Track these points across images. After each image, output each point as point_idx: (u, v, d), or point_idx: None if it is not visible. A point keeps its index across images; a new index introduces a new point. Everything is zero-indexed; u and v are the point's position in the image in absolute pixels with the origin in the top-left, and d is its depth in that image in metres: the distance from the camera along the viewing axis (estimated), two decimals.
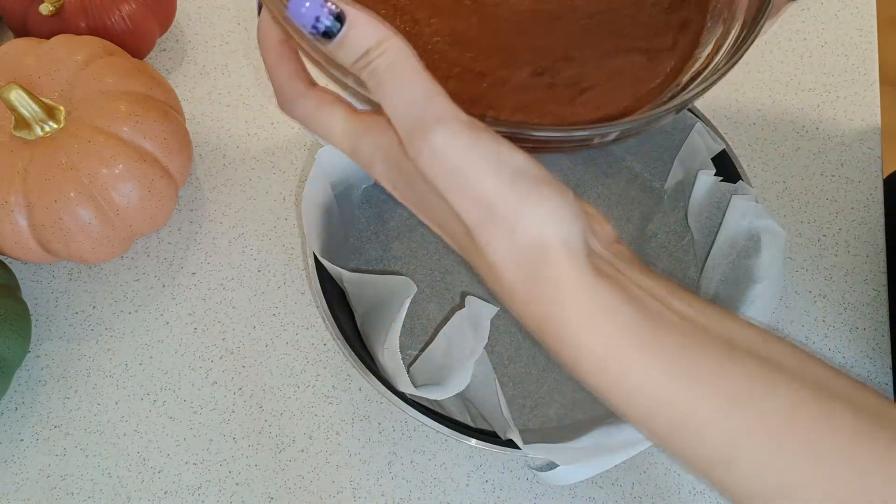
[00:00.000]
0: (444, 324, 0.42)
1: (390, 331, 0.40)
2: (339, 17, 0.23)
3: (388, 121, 0.25)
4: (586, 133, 0.27)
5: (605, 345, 0.24)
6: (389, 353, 0.41)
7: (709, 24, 0.34)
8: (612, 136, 0.28)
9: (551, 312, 0.24)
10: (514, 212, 0.24)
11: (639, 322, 0.24)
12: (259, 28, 0.28)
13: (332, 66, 0.27)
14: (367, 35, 0.24)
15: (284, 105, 0.29)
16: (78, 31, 0.51)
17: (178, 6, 0.57)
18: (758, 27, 0.31)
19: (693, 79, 0.31)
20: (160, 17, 0.54)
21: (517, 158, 0.24)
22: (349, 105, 0.29)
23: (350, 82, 0.27)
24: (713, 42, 0.33)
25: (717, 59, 0.32)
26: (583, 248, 0.24)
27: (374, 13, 0.25)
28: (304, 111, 0.28)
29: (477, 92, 0.31)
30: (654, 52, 0.33)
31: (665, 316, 0.25)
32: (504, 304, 0.26)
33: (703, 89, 0.29)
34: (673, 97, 0.31)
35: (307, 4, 0.23)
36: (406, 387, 0.41)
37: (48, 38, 0.48)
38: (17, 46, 0.47)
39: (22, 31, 0.52)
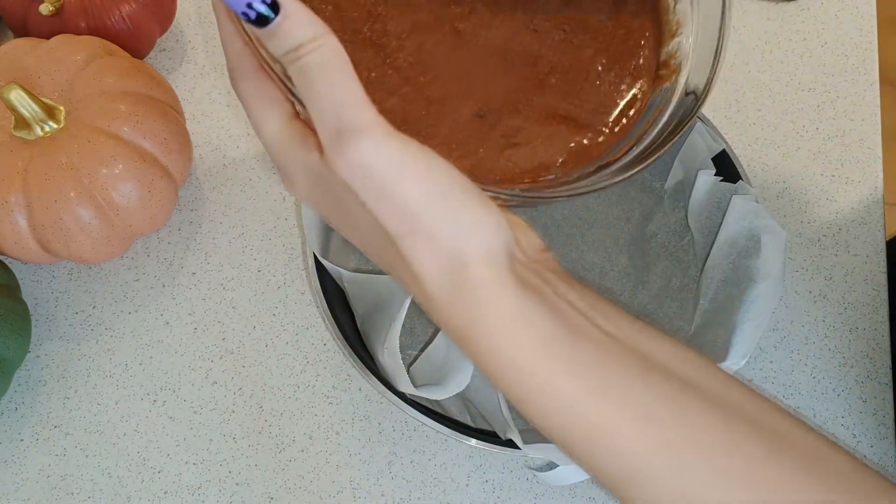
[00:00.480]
0: None
1: (390, 331, 0.40)
2: (274, 6, 0.23)
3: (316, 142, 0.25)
4: (491, 192, 0.27)
5: (523, 357, 0.24)
6: (389, 353, 0.41)
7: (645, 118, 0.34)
8: (514, 203, 0.28)
9: (472, 323, 0.24)
10: (439, 223, 0.24)
11: (557, 335, 0.25)
12: (213, 1, 0.28)
13: (263, 48, 0.26)
14: (301, 29, 0.23)
15: (231, 79, 0.28)
16: (78, 31, 0.51)
17: (177, 6, 0.57)
18: (664, 147, 0.31)
19: (603, 167, 0.31)
20: (160, 17, 0.54)
21: (443, 169, 0.24)
22: (290, 109, 0.28)
23: (277, 70, 0.26)
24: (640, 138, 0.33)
25: (628, 158, 0.32)
26: (505, 259, 0.25)
27: (312, 8, 0.25)
28: (243, 92, 0.28)
29: (414, 115, 0.31)
30: (594, 129, 0.33)
31: (585, 330, 0.25)
32: (429, 315, 0.26)
33: (588, 189, 0.30)
34: (578, 179, 0.31)
35: None
36: (406, 387, 0.41)
37: (48, 38, 0.48)
38: (17, 46, 0.47)
39: (22, 31, 0.52)
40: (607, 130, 0.33)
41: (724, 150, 0.47)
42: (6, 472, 0.46)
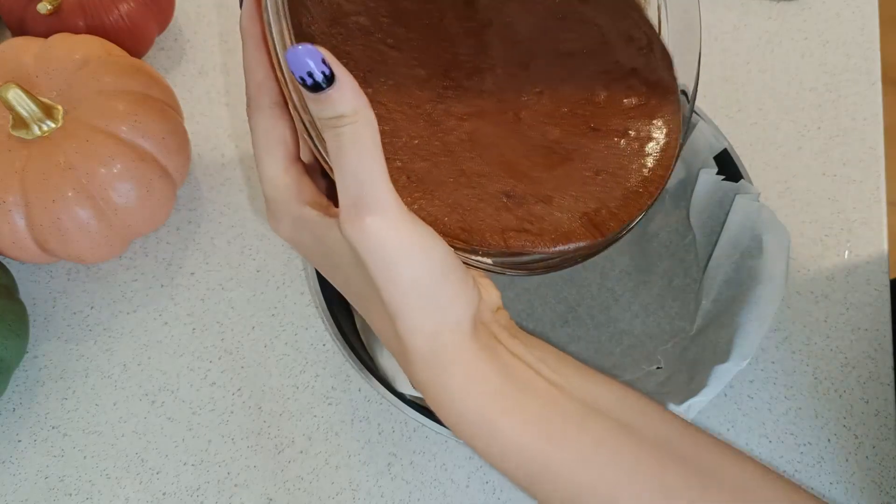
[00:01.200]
0: None
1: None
2: (330, 78, 0.25)
3: (319, 204, 0.29)
4: (473, 262, 0.31)
5: (476, 411, 0.28)
6: (389, 354, 0.40)
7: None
8: (495, 272, 0.31)
9: (437, 384, 0.29)
10: (429, 307, 0.28)
11: (506, 389, 0.28)
12: (241, 25, 0.29)
13: (298, 97, 0.28)
14: (346, 101, 0.25)
15: (247, 107, 0.31)
16: (76, 30, 0.51)
17: (176, 5, 0.57)
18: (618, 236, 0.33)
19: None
20: (158, 16, 0.54)
21: (438, 252, 0.28)
22: (295, 152, 0.31)
23: (306, 122, 0.28)
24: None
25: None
26: (470, 327, 0.29)
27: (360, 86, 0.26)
28: (255, 125, 0.30)
29: (438, 178, 0.32)
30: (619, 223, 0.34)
31: (532, 383, 0.29)
32: (403, 369, 0.30)
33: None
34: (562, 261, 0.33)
35: (307, 60, 0.25)
36: (405, 388, 0.41)
37: (46, 37, 0.48)
38: (15, 45, 0.47)
39: (20, 30, 0.52)
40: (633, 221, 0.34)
41: (725, 149, 0.47)
42: (4, 472, 0.46)
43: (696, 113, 0.48)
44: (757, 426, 0.47)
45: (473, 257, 0.31)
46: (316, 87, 0.25)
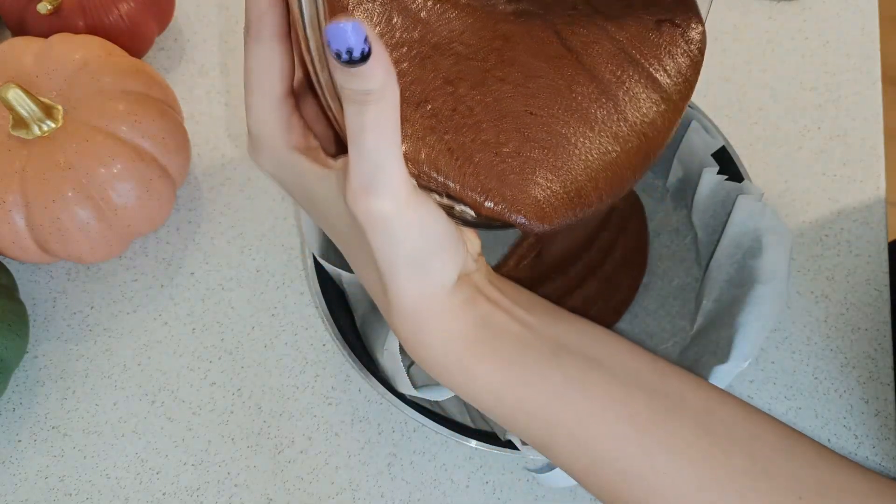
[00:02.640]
0: None
1: (390, 332, 0.40)
2: (365, 55, 0.24)
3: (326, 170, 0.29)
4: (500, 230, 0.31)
5: (454, 360, 0.30)
6: (389, 354, 0.40)
7: None
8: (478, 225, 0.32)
9: (419, 338, 0.30)
10: (419, 273, 0.29)
11: (482, 338, 0.30)
12: None
13: (318, 55, 0.26)
14: (379, 77, 0.24)
15: (245, 33, 0.29)
16: (76, 30, 0.51)
17: (176, 5, 0.57)
18: None
19: None
20: (158, 16, 0.54)
21: (436, 227, 0.28)
22: (288, 87, 0.30)
23: (323, 80, 0.27)
24: None
25: None
26: (453, 285, 0.30)
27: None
28: (251, 53, 0.29)
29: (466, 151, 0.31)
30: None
31: (506, 327, 0.31)
32: (389, 324, 0.31)
33: None
34: None
35: (351, 37, 0.23)
36: (406, 388, 0.41)
37: (46, 36, 0.48)
38: (15, 45, 0.47)
39: (20, 30, 0.52)
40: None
41: (723, 147, 0.47)
42: (4, 472, 0.46)
43: (690, 108, 0.48)
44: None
45: (458, 207, 0.31)
46: (350, 62, 0.24)
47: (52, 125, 0.45)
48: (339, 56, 0.24)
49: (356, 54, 0.23)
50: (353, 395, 0.48)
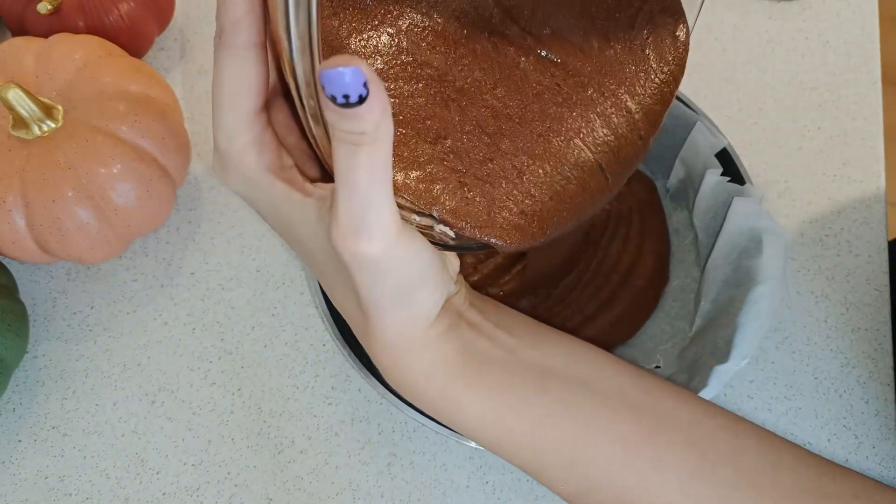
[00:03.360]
0: None
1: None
2: (362, 99, 0.21)
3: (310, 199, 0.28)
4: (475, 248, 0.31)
5: (439, 389, 0.30)
6: None
7: None
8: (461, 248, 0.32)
9: (401, 367, 0.30)
10: (402, 308, 0.28)
11: (467, 366, 0.30)
12: None
13: (306, 87, 0.24)
14: (375, 118, 0.22)
15: (215, 41, 0.26)
16: (76, 30, 0.51)
17: (176, 5, 0.57)
18: None
19: None
20: (158, 16, 0.54)
21: (421, 260, 0.28)
22: (260, 103, 0.27)
23: (308, 108, 0.25)
24: None
25: None
26: (437, 313, 0.29)
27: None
28: (222, 64, 0.26)
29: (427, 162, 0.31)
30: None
31: (490, 353, 0.30)
32: (369, 352, 0.31)
33: None
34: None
35: (348, 81, 0.21)
36: None
37: (46, 36, 0.48)
38: (15, 45, 0.47)
39: (19, 30, 0.52)
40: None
41: (724, 148, 0.47)
42: (4, 473, 0.46)
43: (693, 111, 0.48)
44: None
45: (437, 227, 0.30)
46: (346, 105, 0.21)
47: (52, 125, 0.45)
48: (333, 99, 0.21)
49: (353, 99, 0.21)
50: (353, 395, 0.48)
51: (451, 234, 0.30)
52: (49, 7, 0.49)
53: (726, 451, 0.30)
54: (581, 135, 0.33)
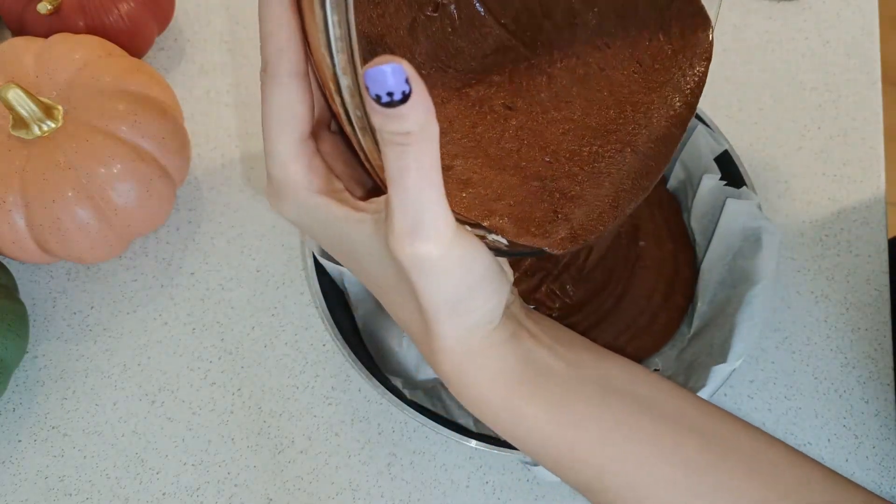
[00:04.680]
0: None
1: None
2: (406, 95, 0.22)
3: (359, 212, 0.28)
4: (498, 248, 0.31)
5: (500, 400, 0.29)
6: (410, 341, 0.41)
7: None
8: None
9: (463, 376, 0.29)
10: (462, 315, 0.28)
11: (528, 377, 0.29)
12: None
13: (352, 96, 0.25)
14: (418, 117, 0.23)
15: (262, 72, 0.28)
16: (76, 30, 0.51)
17: (176, 5, 0.57)
18: None
19: None
20: (158, 16, 0.54)
21: (480, 265, 0.28)
22: (308, 129, 0.28)
23: (355, 118, 0.26)
24: None
25: None
26: (499, 320, 0.29)
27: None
28: (269, 95, 0.27)
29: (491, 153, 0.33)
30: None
31: (551, 367, 0.30)
32: (430, 363, 0.31)
33: None
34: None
35: (392, 80, 0.22)
36: (429, 374, 0.41)
37: (46, 36, 0.48)
38: (15, 45, 0.47)
39: (19, 30, 0.52)
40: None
41: (725, 151, 0.47)
42: (4, 472, 0.46)
43: (696, 116, 0.48)
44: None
45: (490, 236, 0.31)
46: (390, 104, 0.22)
47: (52, 125, 0.45)
48: (378, 99, 0.22)
49: (397, 97, 0.22)
50: (353, 395, 0.48)
51: (504, 241, 0.30)
52: (49, 7, 0.49)
53: (790, 482, 0.29)
54: (622, 135, 0.34)
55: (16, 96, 0.42)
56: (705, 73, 0.35)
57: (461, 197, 0.31)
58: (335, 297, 0.45)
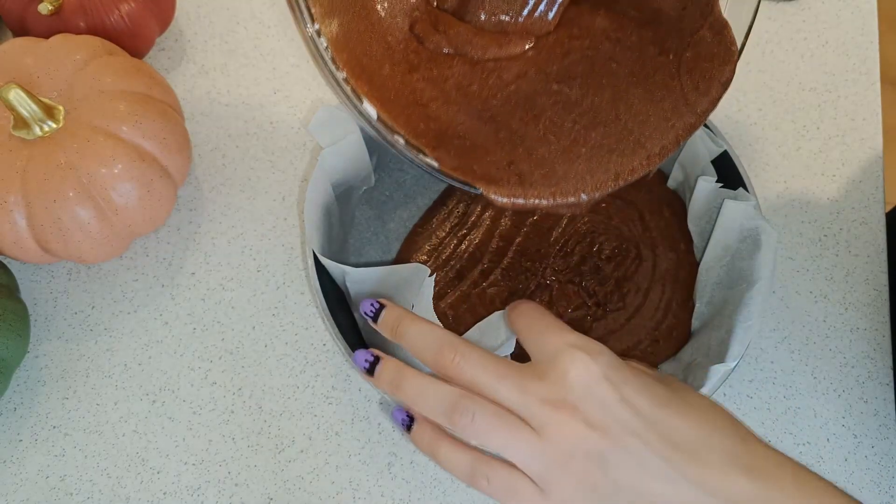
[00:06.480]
0: None
1: (415, 311, 0.41)
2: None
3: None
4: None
5: None
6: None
7: None
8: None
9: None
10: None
11: None
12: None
13: None
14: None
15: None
16: (77, 31, 0.51)
17: (177, 5, 0.57)
18: None
19: None
20: (159, 17, 0.54)
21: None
22: None
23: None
24: None
25: None
26: None
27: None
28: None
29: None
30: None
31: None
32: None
33: None
34: None
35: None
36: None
37: (47, 37, 0.48)
38: (16, 46, 0.47)
39: (21, 31, 0.52)
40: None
41: (725, 151, 0.47)
42: (5, 472, 0.46)
43: None
44: (756, 426, 0.47)
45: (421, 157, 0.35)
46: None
47: (53, 125, 0.45)
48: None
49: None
50: (353, 394, 0.48)
51: (436, 165, 0.34)
52: (50, 7, 0.49)
53: None
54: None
55: (17, 97, 0.43)
56: (708, 111, 0.37)
57: (419, 126, 0.34)
58: (335, 297, 0.45)
